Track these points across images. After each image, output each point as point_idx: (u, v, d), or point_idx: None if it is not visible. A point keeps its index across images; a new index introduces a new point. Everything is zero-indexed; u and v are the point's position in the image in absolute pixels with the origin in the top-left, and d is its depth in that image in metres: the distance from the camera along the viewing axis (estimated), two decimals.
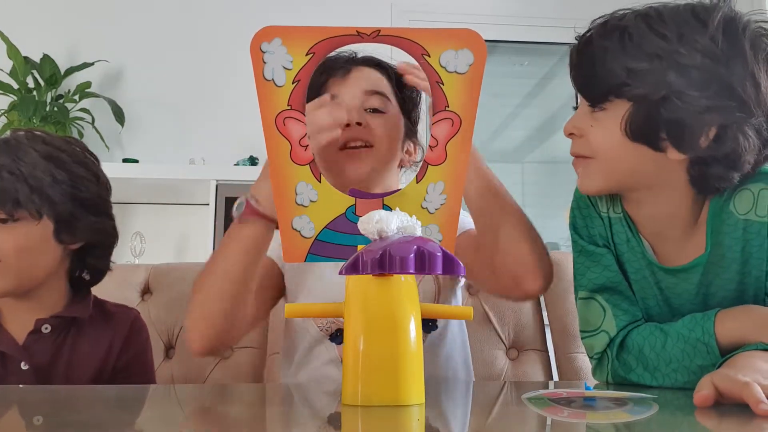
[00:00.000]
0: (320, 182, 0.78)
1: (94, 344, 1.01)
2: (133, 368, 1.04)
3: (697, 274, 0.83)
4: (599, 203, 0.89)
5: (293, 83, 0.74)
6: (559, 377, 1.30)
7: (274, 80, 0.74)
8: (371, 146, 1.02)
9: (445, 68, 0.75)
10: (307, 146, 0.77)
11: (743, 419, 0.56)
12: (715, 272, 0.83)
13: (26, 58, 2.37)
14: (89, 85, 2.44)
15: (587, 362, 0.92)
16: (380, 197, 0.79)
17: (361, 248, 0.64)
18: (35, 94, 2.37)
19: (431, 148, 0.78)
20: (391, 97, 1.07)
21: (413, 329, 0.62)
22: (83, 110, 2.41)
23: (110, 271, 1.07)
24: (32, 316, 0.98)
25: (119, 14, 2.61)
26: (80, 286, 1.04)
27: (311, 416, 0.67)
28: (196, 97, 2.55)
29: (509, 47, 2.89)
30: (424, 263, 0.61)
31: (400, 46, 0.76)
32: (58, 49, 2.48)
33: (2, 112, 2.35)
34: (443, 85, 0.75)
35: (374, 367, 0.61)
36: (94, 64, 2.44)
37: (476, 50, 0.74)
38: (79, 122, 2.42)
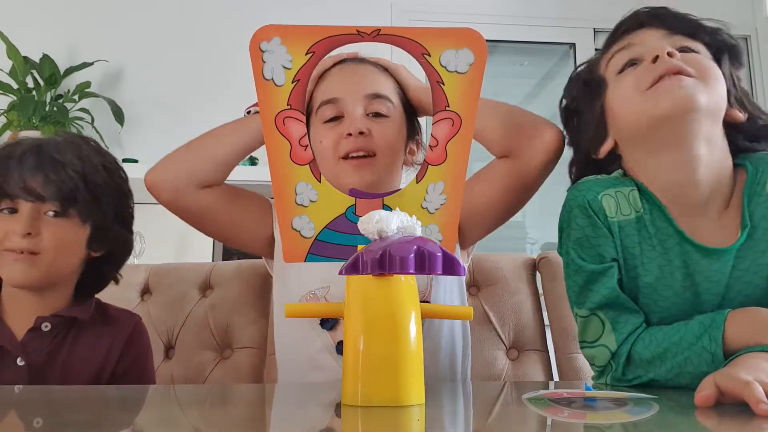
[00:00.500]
0: (320, 182, 0.77)
1: (93, 347, 1.00)
2: (132, 374, 1.03)
3: (733, 256, 0.82)
4: (606, 209, 0.85)
5: (293, 82, 0.74)
6: (559, 377, 1.30)
7: (273, 79, 0.74)
8: (374, 155, 1.00)
9: (445, 68, 0.75)
10: (306, 146, 0.77)
11: (743, 419, 0.56)
12: (749, 257, 0.82)
13: (26, 58, 2.37)
14: (89, 84, 2.44)
15: (587, 362, 0.92)
16: (380, 197, 0.79)
17: (361, 248, 0.64)
18: (35, 94, 2.36)
19: (431, 148, 0.78)
20: (393, 97, 1.05)
21: (413, 329, 0.62)
22: (83, 110, 2.41)
23: (117, 282, 1.10)
24: (34, 312, 0.98)
25: (119, 14, 2.60)
26: (83, 288, 1.04)
27: (311, 416, 0.67)
28: (196, 97, 2.55)
29: (509, 47, 2.89)
30: (424, 263, 0.60)
31: (400, 45, 0.76)
32: (57, 49, 2.47)
33: (2, 112, 2.35)
34: (443, 84, 0.75)
35: (374, 367, 0.61)
36: (93, 64, 2.44)
37: (477, 50, 0.74)
38: (78, 122, 2.42)
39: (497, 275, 1.35)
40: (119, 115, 2.43)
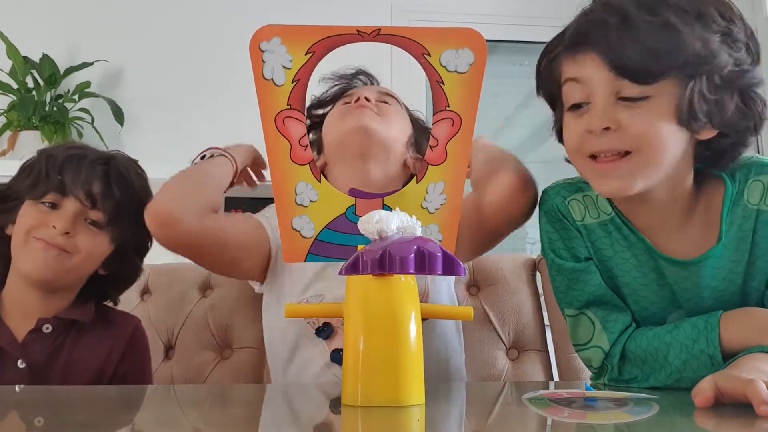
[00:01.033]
0: (320, 182, 0.77)
1: (93, 350, 1.00)
2: (131, 377, 1.04)
3: (709, 265, 0.81)
4: (573, 213, 0.87)
5: (293, 82, 0.74)
6: (559, 377, 1.30)
7: (273, 79, 0.74)
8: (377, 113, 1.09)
9: (445, 68, 0.75)
10: (306, 146, 0.77)
11: (743, 420, 0.56)
12: (727, 265, 0.81)
13: (26, 57, 2.36)
14: (89, 84, 2.44)
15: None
16: (380, 197, 0.79)
17: (361, 248, 0.64)
18: (35, 93, 2.36)
19: (431, 148, 0.78)
20: (401, 105, 1.17)
21: (413, 329, 0.62)
22: (83, 110, 2.41)
23: (115, 305, 1.10)
24: (35, 314, 0.98)
25: (119, 14, 2.60)
26: (85, 293, 1.05)
27: (311, 416, 0.67)
28: (196, 97, 2.54)
29: (509, 47, 2.89)
30: (424, 263, 0.60)
31: (400, 45, 0.76)
32: (57, 49, 2.47)
33: (2, 112, 2.35)
34: (443, 84, 0.75)
35: (374, 367, 0.61)
36: (93, 64, 2.44)
37: (477, 50, 0.74)
38: (78, 122, 2.41)
39: (497, 275, 1.35)
40: (119, 115, 2.43)
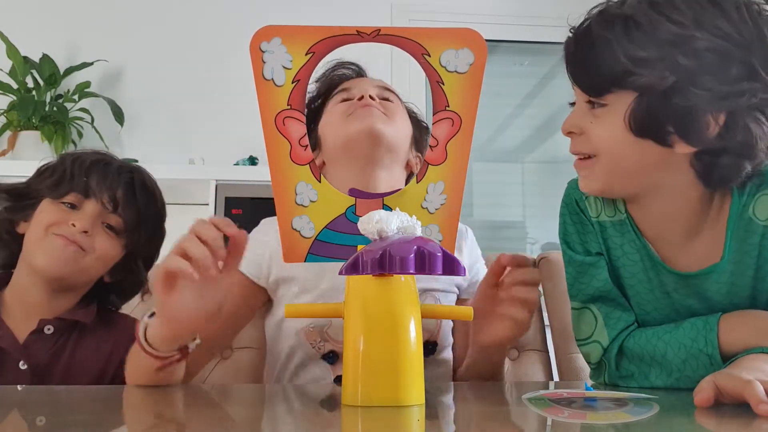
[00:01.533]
0: (320, 182, 0.77)
1: (94, 351, 1.00)
2: None
3: (711, 280, 0.80)
4: (589, 208, 0.87)
5: (293, 83, 0.74)
6: (559, 377, 1.30)
7: (273, 80, 0.74)
8: (386, 115, 1.03)
9: (445, 68, 0.75)
10: (306, 146, 0.77)
11: (743, 420, 0.56)
12: (730, 279, 0.80)
13: (25, 57, 2.36)
14: (89, 84, 2.44)
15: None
16: (380, 197, 0.79)
17: (361, 248, 0.64)
18: (34, 93, 2.36)
19: (431, 148, 0.78)
20: (401, 103, 1.11)
21: (413, 329, 0.62)
22: (83, 110, 2.41)
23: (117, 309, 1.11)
24: (37, 314, 0.97)
25: (119, 14, 2.60)
26: (88, 296, 1.05)
27: (311, 416, 0.67)
28: (196, 97, 2.54)
29: (509, 47, 2.89)
30: (424, 263, 0.60)
31: (400, 45, 0.76)
32: (57, 49, 2.47)
33: (1, 112, 2.35)
34: (443, 84, 0.75)
35: (374, 367, 0.61)
36: (93, 63, 2.44)
37: (477, 50, 0.74)
38: (78, 122, 2.42)
39: None
40: (119, 115, 2.43)
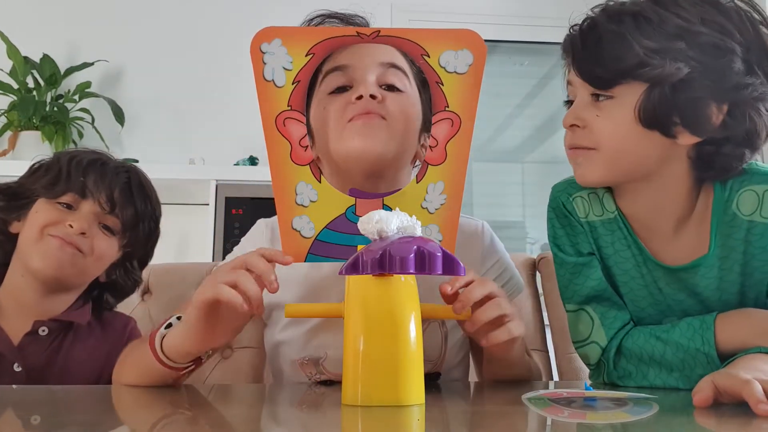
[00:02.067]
0: (320, 182, 0.78)
1: (90, 352, 1.00)
2: None
3: (699, 274, 0.81)
4: (577, 210, 0.87)
5: (293, 84, 0.74)
6: (559, 377, 1.30)
7: (274, 81, 0.74)
8: (385, 120, 0.85)
9: (444, 68, 0.75)
10: (307, 146, 0.77)
11: (743, 420, 0.56)
12: (717, 274, 0.81)
13: (26, 58, 2.36)
14: (89, 85, 2.44)
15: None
16: (380, 197, 0.79)
17: (361, 248, 0.64)
18: (35, 94, 2.36)
19: (431, 148, 0.78)
20: (410, 75, 0.90)
21: (413, 329, 0.62)
22: (83, 110, 2.41)
23: (110, 309, 1.11)
24: (32, 315, 0.97)
25: (119, 14, 2.60)
26: (83, 296, 1.04)
27: (311, 416, 0.67)
28: (196, 97, 2.54)
29: (509, 47, 2.89)
30: (424, 263, 0.61)
31: (399, 46, 0.76)
32: (58, 49, 2.47)
33: (2, 112, 2.35)
34: (443, 85, 0.75)
35: (374, 367, 0.61)
36: (94, 64, 2.44)
37: (476, 50, 0.74)
38: (79, 122, 2.42)
39: None
40: (119, 115, 2.43)
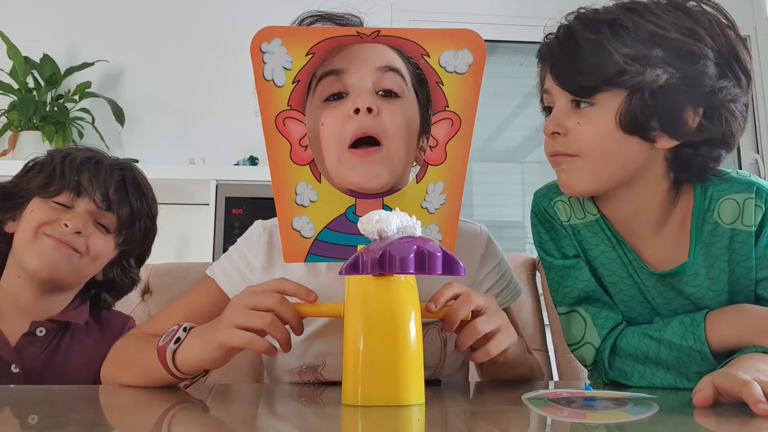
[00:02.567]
0: (320, 182, 0.78)
1: (88, 352, 1.00)
2: None
3: (683, 281, 0.82)
4: (559, 214, 0.87)
5: (293, 83, 0.74)
6: (559, 377, 1.30)
7: (274, 80, 0.74)
8: (380, 145, 0.82)
9: (444, 68, 0.75)
10: (307, 146, 0.77)
11: (743, 419, 0.56)
12: (706, 283, 0.81)
13: (26, 58, 2.36)
14: (89, 85, 2.44)
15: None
16: (380, 197, 0.79)
17: (361, 248, 0.64)
18: (35, 94, 2.36)
19: (431, 148, 0.78)
20: (407, 77, 0.88)
21: (413, 329, 0.62)
22: (83, 110, 2.41)
23: (108, 308, 1.11)
24: (29, 316, 0.97)
25: (119, 14, 2.60)
26: (80, 295, 1.04)
27: (311, 416, 0.67)
28: (196, 97, 2.55)
29: (509, 47, 2.89)
30: (424, 263, 0.61)
31: (399, 46, 0.76)
32: (58, 49, 2.47)
33: (2, 112, 2.35)
34: (443, 85, 0.75)
35: (374, 367, 0.61)
36: (94, 64, 2.44)
37: (476, 50, 0.74)
38: (79, 122, 2.42)
39: None
40: (119, 115, 2.43)
